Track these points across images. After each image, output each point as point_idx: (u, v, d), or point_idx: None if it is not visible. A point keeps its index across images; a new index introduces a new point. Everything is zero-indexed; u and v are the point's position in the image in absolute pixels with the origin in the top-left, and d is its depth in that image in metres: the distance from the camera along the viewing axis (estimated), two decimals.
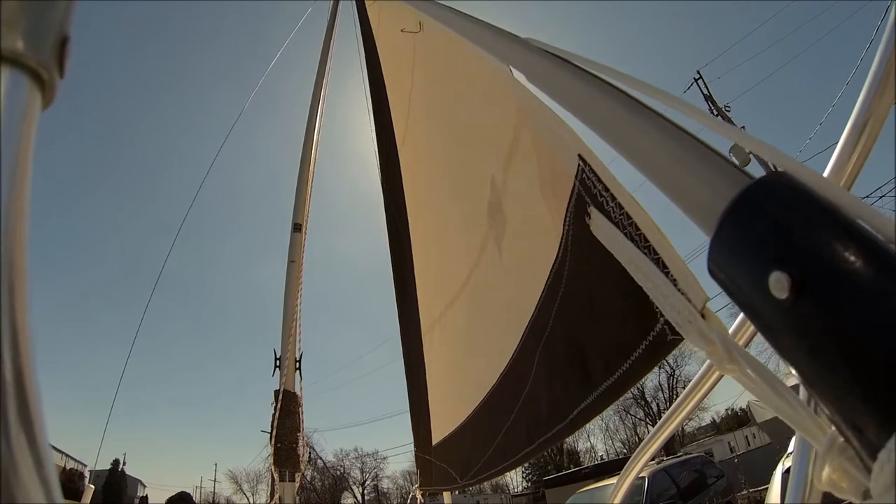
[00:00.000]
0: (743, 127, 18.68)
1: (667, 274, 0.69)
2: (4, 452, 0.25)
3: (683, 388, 1.32)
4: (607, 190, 0.87)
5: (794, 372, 0.40)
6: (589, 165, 0.93)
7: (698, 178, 0.53)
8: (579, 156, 0.95)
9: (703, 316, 0.62)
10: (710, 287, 0.56)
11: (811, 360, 0.38)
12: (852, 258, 0.36)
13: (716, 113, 19.15)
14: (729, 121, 18.90)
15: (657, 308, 0.73)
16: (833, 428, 0.40)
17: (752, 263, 0.43)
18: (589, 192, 0.94)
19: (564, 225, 1.11)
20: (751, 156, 0.77)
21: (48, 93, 0.34)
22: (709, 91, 19.51)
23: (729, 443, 30.54)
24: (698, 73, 19.75)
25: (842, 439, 0.39)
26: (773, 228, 0.42)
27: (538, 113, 1.11)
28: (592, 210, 0.92)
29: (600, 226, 0.88)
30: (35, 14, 0.33)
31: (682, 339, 0.70)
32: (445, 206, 2.62)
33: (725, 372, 0.55)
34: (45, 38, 0.33)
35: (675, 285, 0.67)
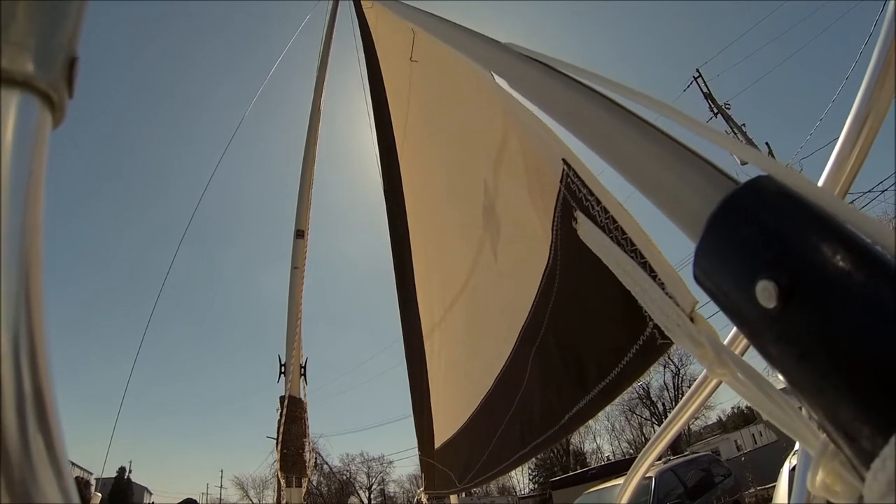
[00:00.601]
0: (743, 125, 18.65)
1: (654, 278, 0.68)
2: (25, 463, 0.26)
3: (689, 386, 1.32)
4: (592, 194, 0.86)
5: (783, 379, 0.40)
6: (573, 170, 0.93)
7: (683, 183, 0.53)
8: (563, 160, 0.95)
9: (692, 319, 0.61)
10: (700, 291, 0.56)
11: (801, 367, 0.37)
12: (841, 264, 0.35)
13: (715, 111, 19.12)
14: (729, 119, 18.86)
15: (646, 312, 0.73)
16: (824, 434, 0.40)
17: (738, 271, 0.42)
18: (574, 197, 0.94)
19: (553, 229, 1.11)
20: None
21: (58, 113, 0.35)
22: (708, 89, 19.48)
23: (735, 441, 30.43)
24: (697, 71, 19.73)
25: (833, 445, 0.39)
26: (758, 235, 0.42)
27: (522, 117, 1.11)
28: (579, 214, 0.92)
29: (587, 230, 0.88)
30: (44, 36, 0.33)
31: (672, 342, 0.69)
32: (443, 209, 2.63)
33: (716, 376, 0.55)
34: (55, 60, 0.34)
35: (663, 289, 0.66)
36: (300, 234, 3.40)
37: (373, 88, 3.94)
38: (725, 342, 0.67)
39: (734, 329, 0.94)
